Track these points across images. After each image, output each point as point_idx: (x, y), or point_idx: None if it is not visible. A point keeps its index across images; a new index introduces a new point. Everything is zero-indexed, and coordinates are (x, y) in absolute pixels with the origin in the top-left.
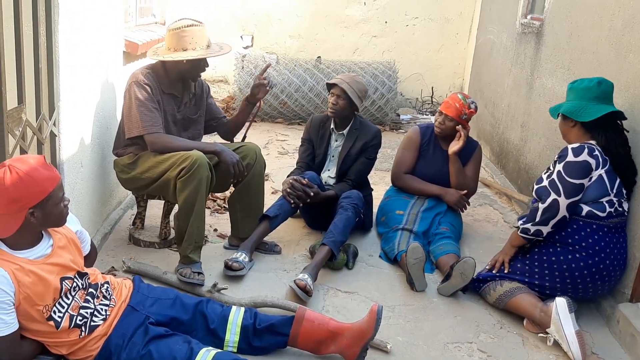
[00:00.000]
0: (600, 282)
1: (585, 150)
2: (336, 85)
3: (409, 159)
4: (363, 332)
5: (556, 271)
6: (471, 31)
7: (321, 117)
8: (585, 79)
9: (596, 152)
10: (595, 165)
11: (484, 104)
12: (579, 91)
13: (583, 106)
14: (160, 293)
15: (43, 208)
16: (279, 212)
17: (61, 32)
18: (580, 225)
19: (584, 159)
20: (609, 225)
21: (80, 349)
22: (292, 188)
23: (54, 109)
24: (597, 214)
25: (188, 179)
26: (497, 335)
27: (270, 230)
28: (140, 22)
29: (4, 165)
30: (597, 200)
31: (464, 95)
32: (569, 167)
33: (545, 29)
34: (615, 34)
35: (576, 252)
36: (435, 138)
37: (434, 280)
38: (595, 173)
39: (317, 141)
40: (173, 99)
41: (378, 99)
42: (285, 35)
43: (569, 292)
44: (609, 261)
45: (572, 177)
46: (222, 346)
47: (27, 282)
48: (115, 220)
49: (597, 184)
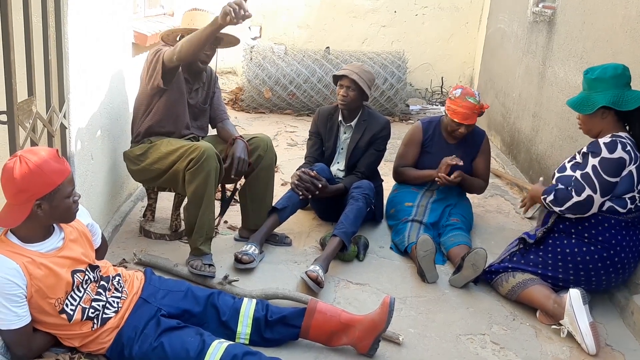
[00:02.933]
0: (615, 275)
1: (619, 145)
2: (345, 76)
3: (410, 155)
4: (375, 323)
5: (570, 263)
6: (481, 20)
7: (328, 110)
8: (605, 66)
9: (628, 147)
10: (629, 161)
11: (495, 93)
12: (609, 80)
13: (621, 94)
14: (172, 285)
15: (50, 201)
16: (288, 204)
17: (70, 24)
18: (599, 219)
19: (620, 155)
20: (627, 220)
21: (93, 342)
22: (300, 180)
23: (64, 101)
24: (617, 210)
25: (196, 170)
26: (509, 327)
27: (279, 222)
28: (149, 13)
29: (16, 156)
30: (620, 196)
31: (473, 96)
32: (605, 163)
33: (557, 17)
34: (630, 22)
35: (592, 245)
36: (440, 133)
37: (446, 272)
38: (630, 166)
39: (325, 134)
40: (185, 83)
41: (387, 89)
42: (293, 25)
43: (582, 284)
44: (624, 254)
45: (609, 174)
46: (234, 338)
47: (39, 275)
48: (125, 213)
49: (625, 180)
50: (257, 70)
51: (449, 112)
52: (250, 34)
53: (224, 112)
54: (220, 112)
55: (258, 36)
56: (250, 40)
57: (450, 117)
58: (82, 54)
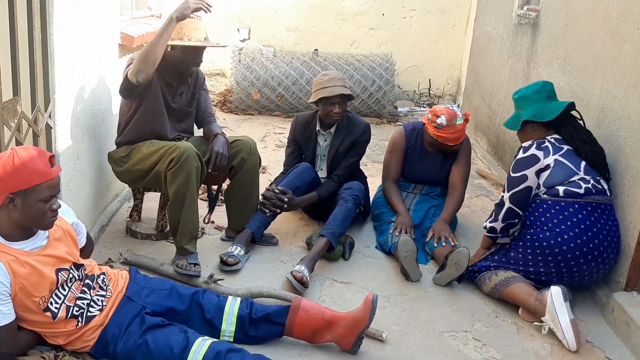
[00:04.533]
0: (595, 264)
1: (534, 145)
2: (339, 94)
3: (395, 163)
4: (358, 321)
5: (549, 256)
6: (468, 23)
7: (306, 117)
8: (528, 86)
9: (546, 144)
10: (544, 155)
11: (481, 95)
12: (530, 96)
13: (541, 107)
14: (157, 283)
15: (24, 199)
16: (259, 224)
17: (56, 24)
18: (562, 205)
19: (532, 153)
20: (592, 204)
21: (77, 339)
22: (265, 198)
23: (50, 101)
24: (575, 192)
25: (177, 170)
26: (492, 324)
27: (256, 241)
28: (136, 14)
29: (13, 149)
30: (569, 181)
31: (457, 115)
32: (516, 164)
33: (541, 19)
34: (611, 24)
35: (564, 233)
36: (422, 142)
37: (430, 271)
38: (547, 160)
39: (303, 142)
40: (168, 88)
41: (375, 91)
42: (282, 28)
43: (565, 277)
44: (598, 241)
45: (515, 171)
46: (219, 336)
47: (23, 273)
48: (112, 213)
49: (560, 168)
50: (245, 72)
51: (440, 140)
52: (239, 36)
53: (210, 114)
54: (206, 115)
55: (247, 38)
56: (239, 42)
57: (445, 143)
58: (68, 54)
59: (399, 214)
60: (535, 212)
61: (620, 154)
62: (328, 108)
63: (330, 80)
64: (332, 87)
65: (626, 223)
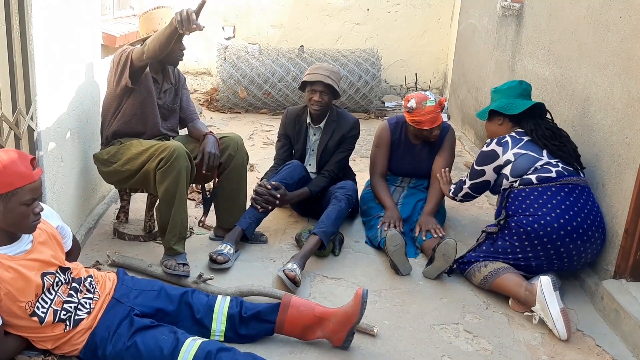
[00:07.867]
0: (581, 243)
1: (494, 141)
2: (319, 81)
3: (381, 157)
4: (349, 316)
5: (535, 239)
6: (453, 16)
7: (296, 111)
8: (506, 82)
9: (506, 139)
10: (503, 151)
11: (468, 88)
12: (503, 91)
13: (510, 102)
14: (145, 285)
15: (5, 202)
16: (251, 221)
17: (35, 26)
18: (539, 191)
19: (491, 148)
20: (568, 185)
21: (66, 343)
22: (257, 194)
23: (31, 103)
24: (547, 177)
25: (167, 169)
26: (482, 316)
27: (247, 237)
28: (118, 14)
29: None
30: (535, 167)
31: (427, 98)
32: (479, 157)
33: (525, 10)
34: (594, 13)
35: (546, 215)
36: (407, 135)
37: (420, 264)
38: (506, 156)
39: (294, 136)
40: (154, 83)
41: (362, 86)
42: (267, 25)
43: (554, 262)
44: (581, 219)
45: (477, 164)
46: (209, 336)
47: (8, 278)
48: (99, 215)
49: (522, 158)
50: (231, 70)
51: (414, 124)
52: (224, 34)
53: (193, 112)
54: (190, 113)
55: (232, 36)
56: (224, 40)
57: (419, 128)
58: (49, 55)
59: (387, 208)
60: (515, 201)
61: (606, 142)
62: (309, 95)
63: (317, 69)
64: (316, 74)
65: (613, 211)
